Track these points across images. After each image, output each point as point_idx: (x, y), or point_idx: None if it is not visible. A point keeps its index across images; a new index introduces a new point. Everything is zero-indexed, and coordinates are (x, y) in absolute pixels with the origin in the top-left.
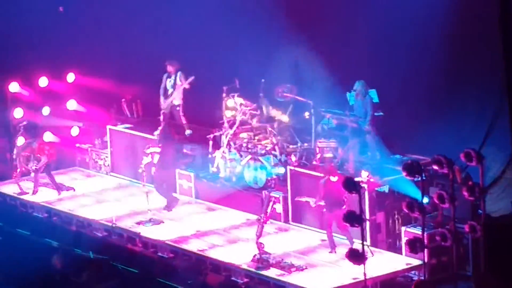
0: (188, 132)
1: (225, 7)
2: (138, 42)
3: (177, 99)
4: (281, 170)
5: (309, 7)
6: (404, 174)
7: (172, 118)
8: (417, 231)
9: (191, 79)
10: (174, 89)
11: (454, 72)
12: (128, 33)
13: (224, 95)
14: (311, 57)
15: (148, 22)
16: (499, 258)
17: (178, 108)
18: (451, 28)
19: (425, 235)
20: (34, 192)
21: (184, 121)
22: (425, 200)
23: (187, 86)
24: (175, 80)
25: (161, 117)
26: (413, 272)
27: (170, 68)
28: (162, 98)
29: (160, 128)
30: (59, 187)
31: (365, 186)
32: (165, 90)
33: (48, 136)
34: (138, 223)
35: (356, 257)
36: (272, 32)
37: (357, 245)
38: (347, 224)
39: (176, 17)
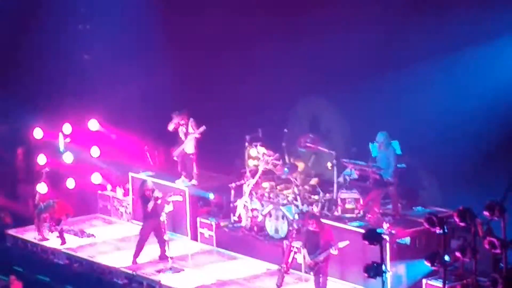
0: (194, 182)
1: (247, 58)
2: (160, 90)
3: (190, 147)
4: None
5: (332, 58)
6: (425, 226)
7: (184, 166)
8: (438, 283)
9: (202, 128)
10: (187, 137)
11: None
12: (151, 80)
13: (246, 144)
14: (334, 108)
15: (170, 72)
16: None
17: (191, 157)
18: None
19: (446, 287)
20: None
21: (195, 170)
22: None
23: (198, 135)
24: (187, 128)
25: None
26: None
27: (180, 120)
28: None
29: None
30: (63, 238)
31: (387, 237)
32: (180, 138)
33: (70, 183)
34: (159, 271)
35: None
36: (295, 82)
37: None
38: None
39: (200, 67)
